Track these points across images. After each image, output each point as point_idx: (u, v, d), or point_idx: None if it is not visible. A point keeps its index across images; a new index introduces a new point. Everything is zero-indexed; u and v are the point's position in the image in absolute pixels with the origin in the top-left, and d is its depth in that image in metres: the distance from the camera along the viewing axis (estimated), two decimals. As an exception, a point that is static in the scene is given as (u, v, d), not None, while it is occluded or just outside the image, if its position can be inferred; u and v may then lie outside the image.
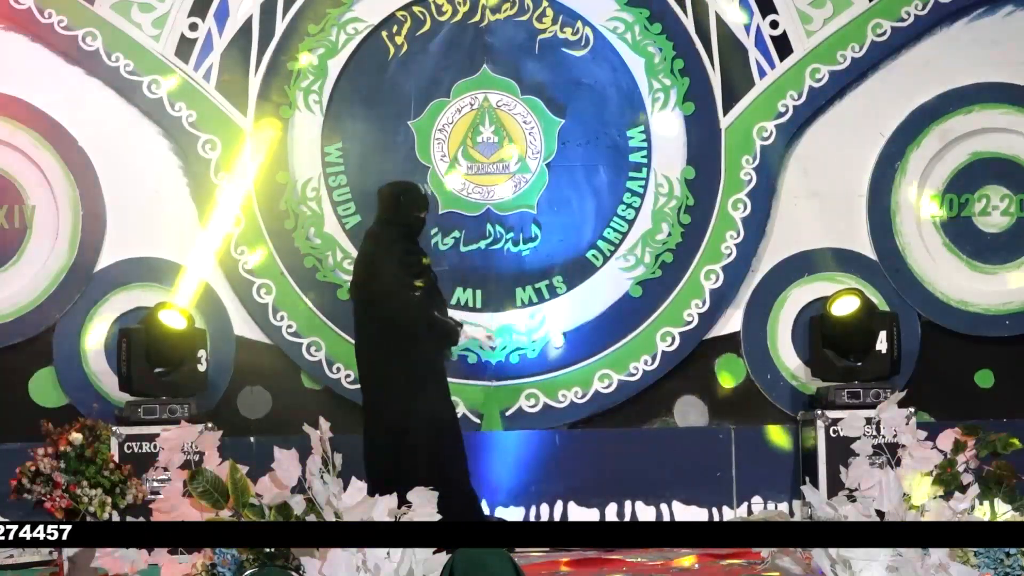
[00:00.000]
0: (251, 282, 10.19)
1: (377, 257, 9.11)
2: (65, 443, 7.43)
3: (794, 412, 10.33)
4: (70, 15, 10.03)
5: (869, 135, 10.57)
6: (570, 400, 10.34)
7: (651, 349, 10.38)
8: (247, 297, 10.18)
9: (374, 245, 9.17)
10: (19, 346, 10.03)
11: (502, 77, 10.39)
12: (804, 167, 10.53)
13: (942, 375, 10.42)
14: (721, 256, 10.44)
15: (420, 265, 9.16)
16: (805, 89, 10.47)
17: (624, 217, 10.43)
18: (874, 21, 10.48)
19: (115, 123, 10.09)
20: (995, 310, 10.58)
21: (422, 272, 9.15)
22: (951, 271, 10.58)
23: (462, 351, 10.23)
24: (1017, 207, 10.65)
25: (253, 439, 9.79)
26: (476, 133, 10.38)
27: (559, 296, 10.38)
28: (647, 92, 10.43)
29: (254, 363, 10.20)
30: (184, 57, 10.16)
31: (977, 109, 10.59)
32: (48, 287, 10.05)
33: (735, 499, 10.30)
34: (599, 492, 10.26)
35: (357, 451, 7.53)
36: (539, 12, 10.39)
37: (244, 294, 10.18)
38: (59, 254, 10.02)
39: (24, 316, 10.04)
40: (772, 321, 10.49)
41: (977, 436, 7.05)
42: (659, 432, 10.42)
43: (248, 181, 10.19)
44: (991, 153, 10.63)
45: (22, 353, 10.03)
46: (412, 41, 10.33)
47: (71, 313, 9.99)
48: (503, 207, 10.38)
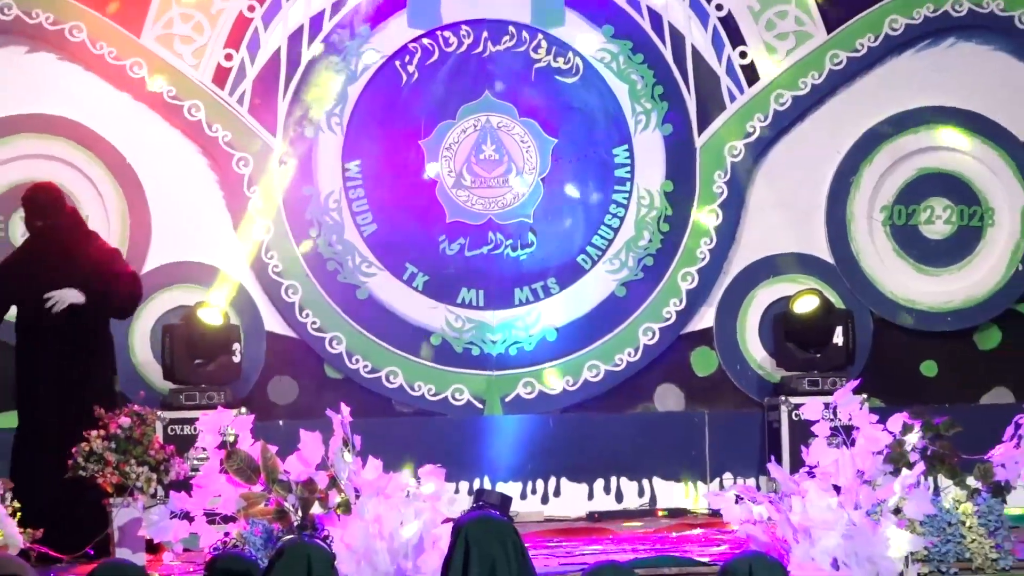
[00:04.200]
0: (279, 283, 10.19)
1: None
2: (115, 426, 7.44)
3: (761, 398, 10.33)
4: (119, 47, 10.02)
5: (827, 152, 10.58)
6: (562, 388, 10.34)
7: (634, 343, 10.39)
8: (276, 296, 10.18)
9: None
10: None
11: (502, 101, 10.39)
12: (770, 181, 10.53)
13: (891, 365, 10.43)
14: (696, 260, 10.45)
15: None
16: (771, 112, 10.48)
17: (610, 226, 10.44)
18: (832, 52, 10.49)
19: (159, 142, 10.09)
20: (938, 308, 10.59)
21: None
22: (899, 273, 10.59)
23: (467, 344, 10.26)
24: (958, 217, 10.66)
25: (282, 422, 9.79)
26: (479, 151, 10.38)
27: (553, 296, 10.38)
28: (631, 115, 10.44)
29: (282, 355, 10.20)
30: (220, 84, 10.16)
31: (923, 130, 10.59)
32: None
33: (708, 475, 10.31)
34: (588, 469, 10.26)
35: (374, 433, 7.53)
36: (535, 44, 10.40)
37: (273, 294, 10.19)
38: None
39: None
40: (741, 318, 10.49)
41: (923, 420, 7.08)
42: (641, 416, 10.43)
43: (277, 194, 10.19)
44: (935, 169, 10.64)
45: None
46: (422, 69, 10.33)
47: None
48: (503, 217, 10.38)
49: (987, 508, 7.14)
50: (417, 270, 10.29)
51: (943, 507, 7.05)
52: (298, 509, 6.61)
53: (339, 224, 10.25)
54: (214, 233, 10.16)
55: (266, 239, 10.17)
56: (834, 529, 6.37)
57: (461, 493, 9.78)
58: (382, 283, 10.27)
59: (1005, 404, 10.18)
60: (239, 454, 6.69)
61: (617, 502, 10.25)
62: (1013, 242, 10.63)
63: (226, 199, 10.17)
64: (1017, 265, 10.61)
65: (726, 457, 10.28)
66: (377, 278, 10.27)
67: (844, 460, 6.53)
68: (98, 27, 9.99)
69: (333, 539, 6.29)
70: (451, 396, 10.25)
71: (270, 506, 6.70)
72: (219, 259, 10.15)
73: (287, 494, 6.62)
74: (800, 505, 6.47)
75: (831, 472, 6.55)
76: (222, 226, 10.17)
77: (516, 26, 10.38)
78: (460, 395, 10.25)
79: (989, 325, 10.62)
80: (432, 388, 10.25)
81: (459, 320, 10.31)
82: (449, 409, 10.25)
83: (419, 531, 6.32)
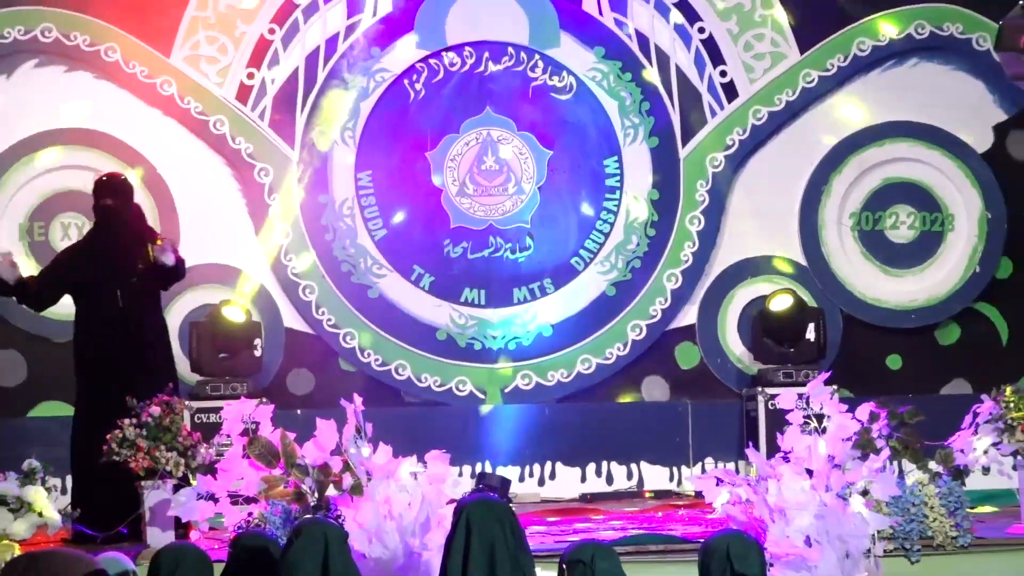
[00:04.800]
0: (297, 283, 10.18)
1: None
2: (147, 415, 7.42)
3: (739, 389, 10.32)
4: (150, 66, 10.02)
5: (800, 164, 10.57)
6: (557, 380, 10.33)
7: (623, 338, 10.38)
8: (294, 295, 10.17)
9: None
10: (109, 336, 10.02)
11: (502, 116, 10.38)
12: (747, 190, 10.53)
13: (859, 359, 10.42)
14: (680, 262, 10.44)
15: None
16: (748, 126, 10.47)
17: (601, 231, 10.42)
18: (804, 71, 10.49)
19: (187, 154, 10.08)
20: (902, 306, 10.58)
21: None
22: (867, 274, 10.59)
23: (469, 340, 10.25)
24: (920, 222, 10.65)
25: (299, 412, 9.78)
26: (481, 162, 10.37)
27: (548, 295, 10.38)
28: (620, 129, 10.43)
29: (300, 349, 10.20)
30: (243, 100, 10.15)
31: (888, 143, 10.59)
32: (133, 288, 10.05)
33: (691, 460, 10.30)
34: (581, 454, 10.25)
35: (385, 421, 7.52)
36: (532, 64, 10.39)
37: (292, 293, 10.17)
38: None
39: (113, 311, 10.04)
40: (722, 315, 10.49)
41: (888, 409, 7.07)
42: (629, 405, 10.42)
43: (295, 201, 10.18)
44: (900, 178, 10.63)
45: (112, 342, 10.02)
46: (428, 87, 10.32)
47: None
48: (503, 223, 10.37)
49: (947, 490, 7.13)
50: (424, 271, 10.28)
51: (907, 489, 7.05)
52: (314, 491, 6.60)
53: (352, 229, 10.24)
54: (237, 237, 10.15)
55: (285, 243, 10.16)
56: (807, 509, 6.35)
57: (464, 476, 9.77)
58: (391, 283, 10.26)
59: (963, 395, 10.16)
60: (260, 440, 6.66)
61: (608, 484, 10.24)
62: (971, 246, 10.62)
63: (248, 206, 10.16)
64: (974, 267, 10.60)
65: (708, 443, 10.27)
66: (387, 279, 10.26)
67: (816, 446, 6.51)
68: (131, 48, 9.99)
69: (346, 518, 6.27)
70: (455, 387, 10.25)
71: (289, 488, 6.68)
72: (242, 261, 10.14)
73: (304, 477, 6.60)
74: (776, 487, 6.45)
75: (804, 457, 6.53)
76: (244, 231, 10.16)
77: (515, 47, 10.37)
78: (463, 386, 10.25)
79: (949, 322, 10.61)
80: (438, 380, 10.24)
81: (462, 317, 10.30)
82: (453, 399, 10.24)
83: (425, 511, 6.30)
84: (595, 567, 5.08)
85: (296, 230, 10.17)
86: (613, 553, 5.19)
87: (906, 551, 6.97)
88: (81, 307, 8.26)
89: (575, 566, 5.12)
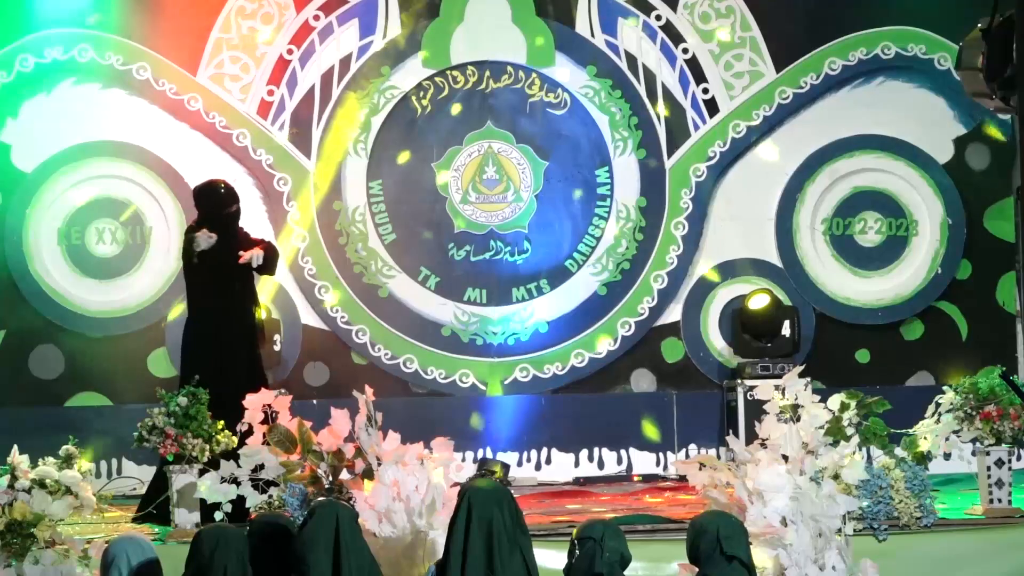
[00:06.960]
0: (313, 283, 10.16)
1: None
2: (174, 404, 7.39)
3: (720, 381, 10.30)
4: (178, 84, 10.00)
5: (776, 173, 10.55)
6: (553, 372, 10.31)
7: (613, 334, 10.36)
8: (311, 295, 10.15)
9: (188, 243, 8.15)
10: (141, 332, 10.00)
11: (502, 130, 10.36)
12: (727, 197, 10.50)
13: (831, 354, 10.40)
14: (666, 264, 10.42)
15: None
16: (728, 139, 10.46)
17: (593, 235, 10.41)
18: (780, 88, 10.47)
19: (212, 165, 10.04)
20: (870, 305, 10.56)
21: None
22: (838, 275, 10.56)
23: (472, 336, 10.23)
24: (887, 228, 10.63)
25: (315, 402, 9.75)
26: (482, 172, 10.35)
27: (545, 295, 10.35)
28: (611, 141, 10.41)
29: (316, 344, 10.17)
30: (263, 115, 10.14)
31: (858, 154, 10.57)
32: (162, 288, 10.02)
33: (676, 446, 10.28)
34: (574, 441, 10.23)
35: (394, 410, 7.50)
36: (530, 81, 10.37)
37: (308, 292, 10.16)
38: (169, 263, 9.97)
39: (144, 309, 10.01)
40: (704, 313, 10.46)
41: (857, 399, 7.05)
42: (619, 396, 10.40)
43: (311, 208, 10.16)
44: (868, 187, 10.61)
45: (143, 337, 9.99)
46: (434, 103, 10.31)
47: (178, 307, 9.95)
48: (502, 228, 10.35)
49: (912, 474, 7.11)
50: (430, 272, 10.27)
51: (875, 473, 7.02)
52: (329, 475, 6.58)
53: (364, 234, 10.22)
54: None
55: (302, 246, 10.14)
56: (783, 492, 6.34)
57: (467, 462, 9.74)
58: (400, 284, 10.24)
59: (927, 386, 10.15)
60: (279, 428, 6.66)
61: (599, 469, 10.22)
62: (933, 250, 10.60)
63: (268, 212, 10.14)
64: (936, 269, 10.59)
65: (691, 431, 10.25)
66: (396, 279, 10.24)
67: (791, 434, 6.50)
68: (160, 67, 9.98)
69: (358, 500, 6.25)
70: (459, 379, 10.23)
71: (305, 472, 6.66)
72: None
73: (319, 462, 6.59)
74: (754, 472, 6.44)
75: (780, 444, 6.53)
76: (265, 235, 10.11)
77: (514, 66, 10.35)
78: (466, 378, 10.22)
79: (913, 319, 10.59)
80: (443, 372, 10.22)
81: (465, 315, 10.28)
82: (457, 390, 10.22)
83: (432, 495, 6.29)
84: (604, 544, 5.11)
85: (312, 235, 10.16)
86: (620, 533, 5.21)
87: (874, 530, 6.94)
88: (198, 294, 8.12)
89: (585, 542, 5.14)
